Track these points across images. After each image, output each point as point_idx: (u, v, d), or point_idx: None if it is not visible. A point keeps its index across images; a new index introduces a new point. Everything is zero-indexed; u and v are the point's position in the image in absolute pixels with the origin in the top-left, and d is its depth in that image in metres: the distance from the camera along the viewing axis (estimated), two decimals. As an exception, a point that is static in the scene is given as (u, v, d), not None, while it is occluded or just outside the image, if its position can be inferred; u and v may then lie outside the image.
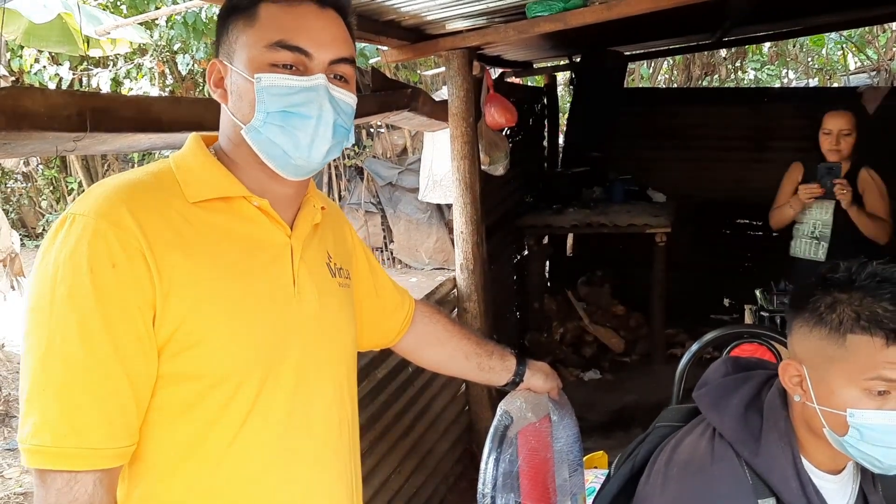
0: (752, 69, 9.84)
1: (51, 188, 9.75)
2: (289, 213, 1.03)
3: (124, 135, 1.52)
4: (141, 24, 6.04)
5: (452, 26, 2.87)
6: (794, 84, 9.94)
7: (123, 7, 6.93)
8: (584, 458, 2.27)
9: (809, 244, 3.16)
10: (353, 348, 1.14)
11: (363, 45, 6.53)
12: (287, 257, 1.00)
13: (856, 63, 9.01)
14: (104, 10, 6.51)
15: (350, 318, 1.13)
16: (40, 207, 9.98)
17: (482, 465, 1.33)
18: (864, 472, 1.16)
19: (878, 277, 1.02)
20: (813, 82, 9.54)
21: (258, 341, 0.94)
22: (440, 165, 6.19)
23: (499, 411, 1.38)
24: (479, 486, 1.32)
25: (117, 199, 0.88)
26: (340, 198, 8.33)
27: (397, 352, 1.43)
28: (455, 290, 3.19)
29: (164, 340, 0.88)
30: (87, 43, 4.31)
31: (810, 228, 3.15)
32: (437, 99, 3.24)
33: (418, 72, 8.02)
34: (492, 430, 1.36)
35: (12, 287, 3.96)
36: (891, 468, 1.03)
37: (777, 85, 9.79)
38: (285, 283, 0.99)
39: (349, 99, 0.99)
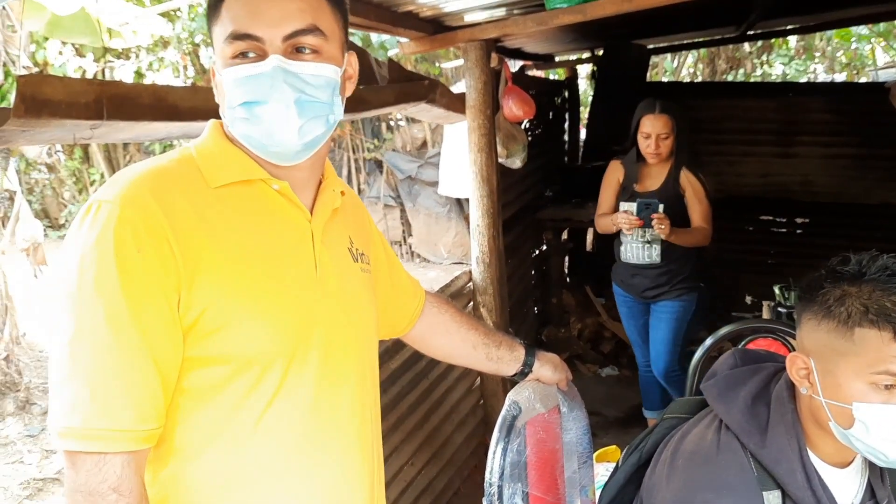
0: (780, 63, 9.70)
1: (73, 179, 9.87)
2: (307, 196, 1.04)
3: (141, 123, 1.54)
4: (163, 15, 6.09)
5: (471, 18, 2.86)
6: (821, 79, 9.78)
7: (148, 2, 7.00)
8: (598, 452, 2.27)
9: (641, 248, 3.12)
10: (375, 333, 1.16)
11: (384, 37, 6.54)
12: (308, 242, 1.01)
13: (885, 58, 8.85)
14: (127, 1, 6.57)
15: (371, 302, 1.14)
16: (63, 198, 10.11)
17: (489, 455, 1.33)
18: (872, 467, 1.15)
19: (888, 271, 1.01)
20: (840, 77, 9.38)
21: (282, 325, 0.95)
22: (461, 159, 6.18)
23: (507, 401, 1.38)
24: (486, 475, 1.32)
25: (141, 186, 0.89)
26: (360, 191, 8.35)
27: (407, 341, 1.44)
28: (471, 283, 3.19)
29: (189, 324, 0.90)
30: (110, 34, 4.36)
31: (641, 233, 3.09)
32: (456, 91, 3.24)
33: (438, 64, 8.00)
34: (500, 419, 1.36)
35: (35, 276, 4.03)
36: (895, 463, 1.02)
37: (804, 80, 9.64)
38: (307, 267, 1.00)
39: (314, 69, 0.94)
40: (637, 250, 3.14)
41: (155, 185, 0.90)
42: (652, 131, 3.02)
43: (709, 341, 1.90)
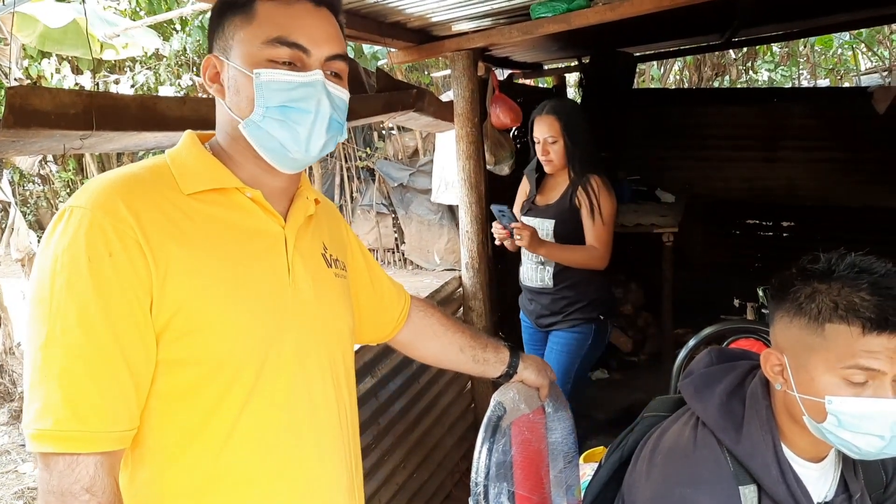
0: (765, 70, 9.80)
1: (67, 190, 9.87)
2: (282, 205, 1.06)
3: (130, 133, 1.57)
4: (156, 30, 6.11)
5: (458, 28, 2.91)
6: (805, 84, 9.88)
7: (143, 13, 7.03)
8: (586, 453, 2.30)
9: (535, 270, 2.77)
10: (349, 337, 1.16)
11: (376, 48, 6.59)
12: (281, 247, 1.03)
13: (867, 63, 8.95)
14: (123, 16, 6.61)
15: (346, 307, 1.15)
16: (57, 209, 10.12)
17: (475, 455, 1.35)
18: (845, 461, 1.18)
19: (856, 268, 1.04)
20: (824, 83, 9.48)
21: (254, 327, 0.96)
22: (452, 167, 6.23)
23: (492, 402, 1.41)
24: (472, 475, 1.34)
25: (113, 192, 0.91)
26: (352, 199, 8.39)
27: (395, 346, 1.46)
28: (461, 288, 3.22)
29: (161, 327, 0.91)
30: (101, 47, 4.39)
31: (534, 254, 2.72)
32: (444, 100, 3.28)
33: (428, 73, 8.06)
34: (485, 420, 1.38)
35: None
36: (868, 454, 1.05)
37: (790, 86, 9.74)
38: (280, 272, 1.02)
39: (343, 95, 1.02)
40: (531, 271, 2.79)
41: (126, 192, 0.91)
42: (539, 135, 2.69)
43: (692, 342, 1.94)
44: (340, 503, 1.08)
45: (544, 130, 2.67)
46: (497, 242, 2.71)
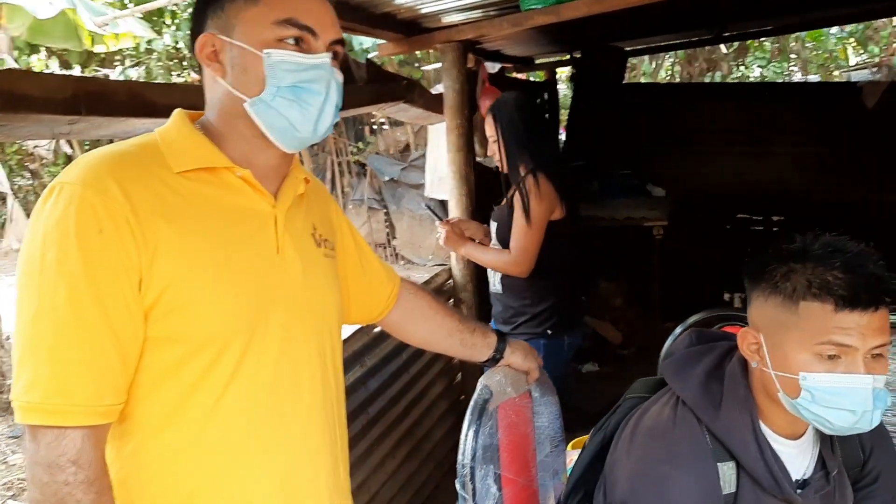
0: (757, 66, 9.85)
1: (57, 185, 9.85)
2: (272, 184, 1.07)
3: (119, 119, 1.57)
4: (147, 21, 6.09)
5: (448, 19, 2.91)
6: (796, 80, 9.94)
7: (131, 5, 7.01)
8: (574, 442, 2.31)
9: (491, 271, 2.58)
10: (337, 317, 1.17)
11: (366, 44, 6.59)
12: (271, 226, 1.04)
13: (857, 59, 9.01)
14: (112, 7, 6.59)
15: (334, 287, 1.16)
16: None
17: (462, 437, 1.36)
18: (823, 438, 1.20)
19: (830, 248, 1.07)
20: (814, 78, 9.54)
21: (241, 304, 0.97)
22: (445, 162, 6.24)
23: (479, 385, 1.42)
24: (459, 456, 1.36)
25: (103, 169, 0.91)
26: (344, 194, 8.39)
27: (384, 327, 1.47)
28: (451, 280, 3.23)
29: (149, 304, 0.92)
30: (91, 39, 4.37)
31: None
32: (435, 92, 3.29)
33: (419, 67, 8.06)
34: (472, 403, 1.40)
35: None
36: (841, 429, 1.07)
37: (781, 81, 9.79)
38: (269, 251, 1.03)
39: (340, 78, 1.05)
40: (489, 272, 2.60)
41: (116, 168, 0.92)
42: (487, 133, 2.54)
43: (678, 330, 1.96)
44: (324, 481, 1.09)
45: (488, 129, 2.53)
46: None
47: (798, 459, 1.17)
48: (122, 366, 0.91)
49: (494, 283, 2.57)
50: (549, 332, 2.45)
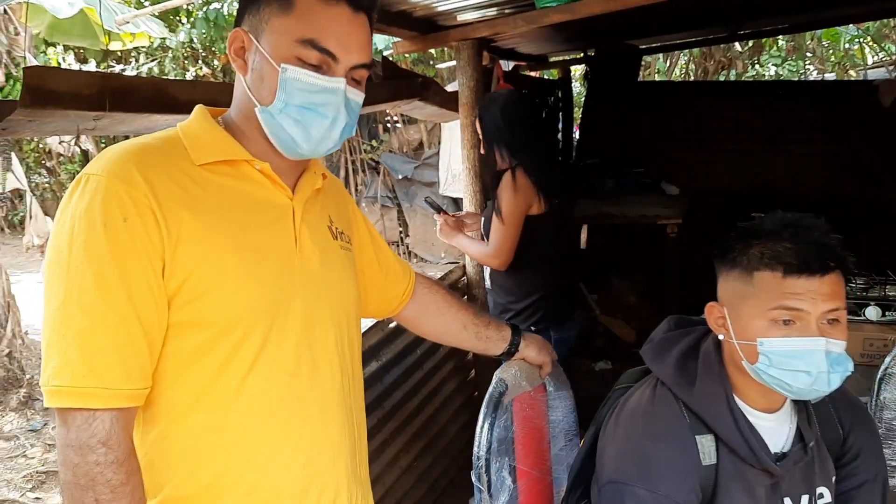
0: (772, 65, 9.78)
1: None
2: (290, 178, 1.09)
3: (142, 115, 1.60)
4: (162, 19, 6.14)
5: (463, 17, 2.93)
6: (811, 78, 9.87)
7: (147, 3, 7.07)
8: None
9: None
10: (355, 308, 1.19)
11: (381, 38, 6.61)
12: (289, 218, 1.07)
13: (874, 57, 8.94)
14: (129, 6, 6.66)
15: (352, 278, 1.19)
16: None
17: (477, 430, 1.38)
18: (800, 411, 1.25)
19: (782, 223, 1.15)
20: (830, 76, 9.47)
21: (262, 291, 1.00)
22: (458, 160, 6.27)
23: (494, 378, 1.44)
24: (475, 448, 1.37)
25: (128, 160, 0.94)
26: (357, 192, 8.42)
27: (400, 321, 1.50)
28: (465, 277, 3.25)
29: (173, 291, 0.94)
30: (108, 37, 4.42)
31: None
32: (449, 90, 3.30)
33: (434, 65, 8.08)
34: (487, 396, 1.41)
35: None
36: (800, 392, 1.13)
37: (796, 80, 9.73)
38: (287, 241, 1.05)
39: (359, 98, 1.06)
40: (485, 270, 2.68)
41: (140, 160, 0.95)
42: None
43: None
44: (344, 465, 1.11)
45: (478, 128, 2.59)
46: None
47: (776, 432, 1.22)
48: (149, 350, 0.94)
49: (487, 280, 2.65)
50: (532, 328, 2.44)
